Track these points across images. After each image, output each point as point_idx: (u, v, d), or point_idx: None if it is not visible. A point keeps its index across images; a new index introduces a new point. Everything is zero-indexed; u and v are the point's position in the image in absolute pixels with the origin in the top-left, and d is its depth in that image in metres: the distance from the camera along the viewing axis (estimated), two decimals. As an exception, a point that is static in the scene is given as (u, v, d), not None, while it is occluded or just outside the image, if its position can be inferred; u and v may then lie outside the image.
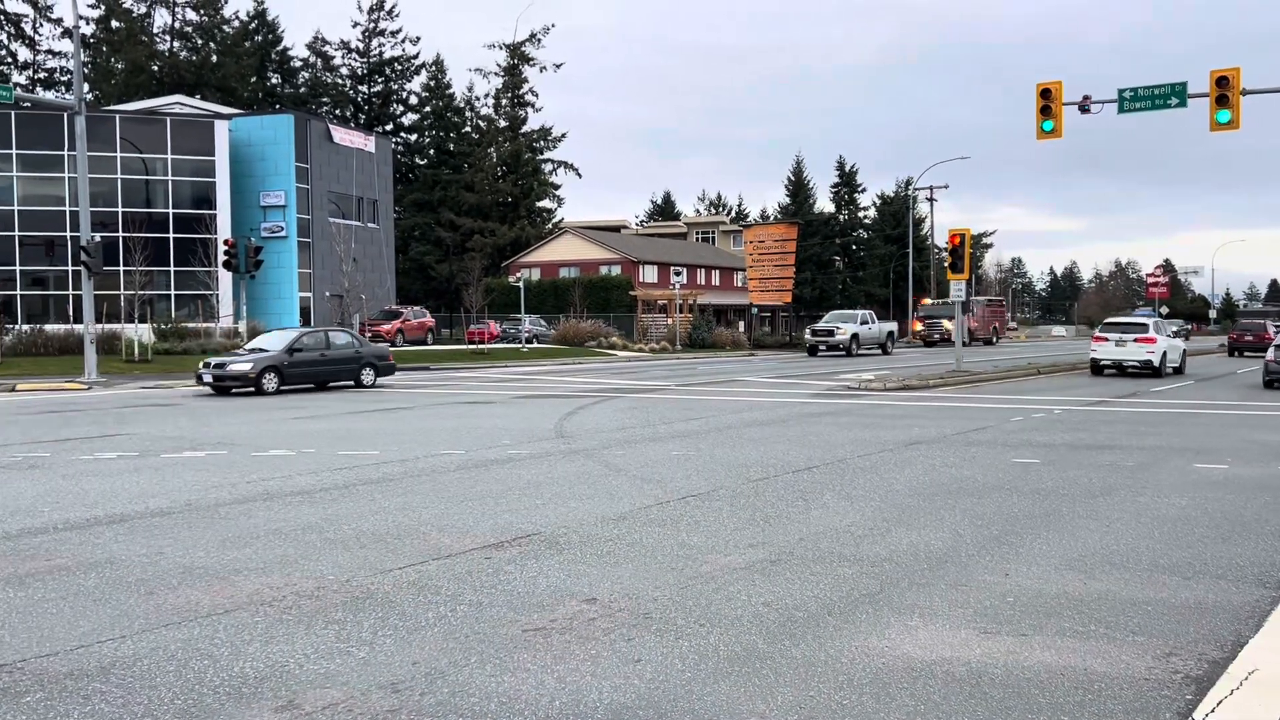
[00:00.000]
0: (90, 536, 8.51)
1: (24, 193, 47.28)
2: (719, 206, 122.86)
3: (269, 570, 7.36)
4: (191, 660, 5.43)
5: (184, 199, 49.47)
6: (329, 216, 53.82)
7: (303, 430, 16.80)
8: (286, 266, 51.11)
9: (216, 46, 79.66)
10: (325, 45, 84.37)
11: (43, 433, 16.58)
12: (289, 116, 54.21)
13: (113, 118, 49.48)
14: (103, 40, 76.61)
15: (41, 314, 46.02)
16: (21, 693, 4.95)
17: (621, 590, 6.83)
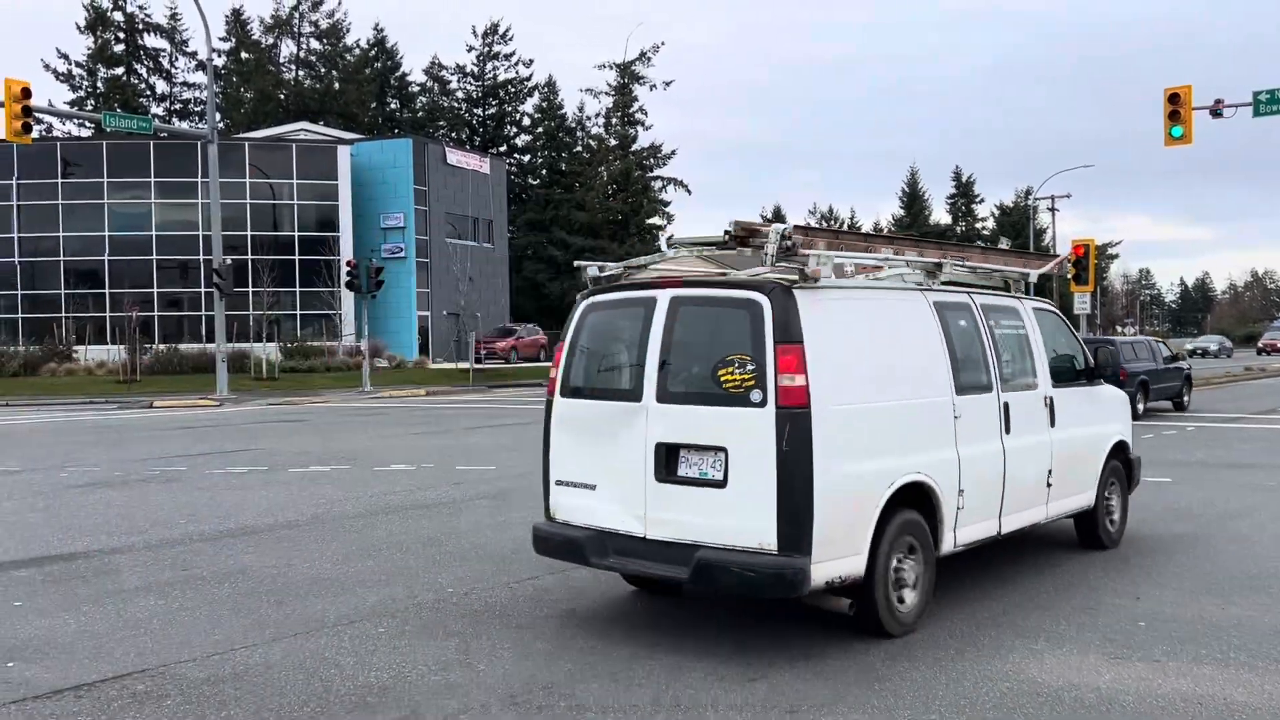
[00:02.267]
0: (224, 547, 8.87)
1: (161, 218, 49.76)
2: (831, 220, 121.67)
3: (392, 582, 7.55)
4: (319, 669, 5.61)
5: (309, 222, 51.35)
6: (446, 237, 55.14)
7: (423, 445, 17.21)
8: (405, 286, 52.52)
9: (339, 74, 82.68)
10: (442, 70, 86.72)
11: (179, 448, 17.37)
12: (408, 141, 55.83)
13: (242, 145, 51.73)
14: (233, 71, 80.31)
15: (176, 334, 48.28)
16: (162, 696, 5.19)
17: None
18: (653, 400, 6.12)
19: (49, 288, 49.36)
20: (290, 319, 48.97)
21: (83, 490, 12.44)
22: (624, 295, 6.70)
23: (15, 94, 25.71)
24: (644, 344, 6.25)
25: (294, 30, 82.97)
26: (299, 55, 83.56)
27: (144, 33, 78.06)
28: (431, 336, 53.26)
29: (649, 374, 6.16)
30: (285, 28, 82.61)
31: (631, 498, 6.13)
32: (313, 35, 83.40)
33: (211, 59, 36.13)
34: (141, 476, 13.59)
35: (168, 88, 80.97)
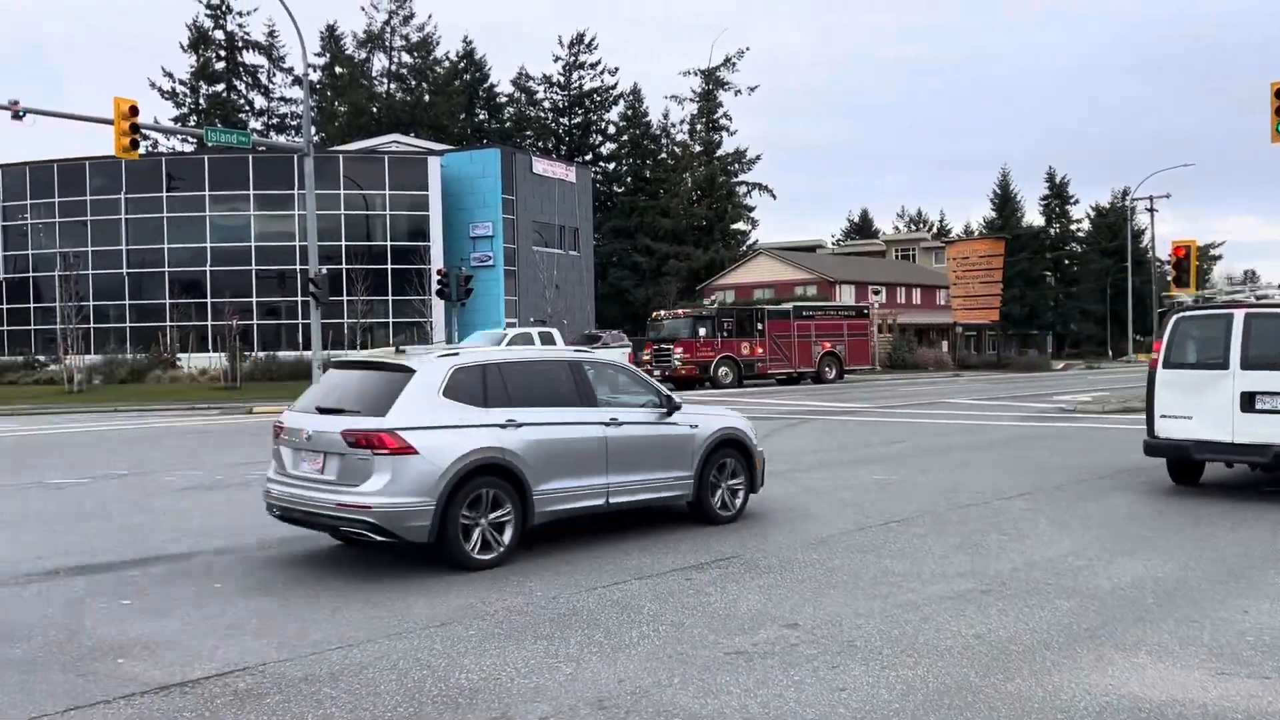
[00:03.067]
0: (323, 549, 9.10)
1: (259, 230, 51.34)
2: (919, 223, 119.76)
3: (481, 584, 7.66)
4: (411, 670, 5.73)
5: (400, 232, 52.45)
6: (533, 245, 55.79)
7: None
8: (494, 294, 53.27)
9: (429, 87, 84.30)
10: (529, 80, 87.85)
11: (277, 452, 17.86)
12: (496, 151, 56.66)
13: (337, 158, 53.10)
14: (328, 85, 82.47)
15: (275, 341, 49.72)
16: (262, 694, 5.35)
17: (824, 616, 6.74)
18: (1238, 368, 10.99)
19: (154, 297, 51.28)
20: (383, 327, 50.04)
21: (189, 493, 12.88)
22: (1207, 312, 11.85)
23: (123, 112, 26.79)
24: (1228, 338, 11.08)
25: (386, 44, 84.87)
26: (391, 69, 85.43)
27: (243, 50, 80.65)
28: (519, 343, 53.85)
29: (1234, 354, 11.02)
30: (377, 42, 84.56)
31: (1221, 422, 11.08)
32: (404, 49, 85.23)
33: (307, 74, 37.16)
34: (242, 481, 14.02)
35: (266, 103, 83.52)
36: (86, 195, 51.84)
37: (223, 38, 79.48)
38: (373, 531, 7.86)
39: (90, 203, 51.78)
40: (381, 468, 7.82)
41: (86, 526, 10.54)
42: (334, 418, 8.26)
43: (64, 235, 51.64)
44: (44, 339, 50.02)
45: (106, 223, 51.51)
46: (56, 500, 12.52)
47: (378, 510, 7.77)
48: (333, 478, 8.05)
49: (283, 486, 8.54)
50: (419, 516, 7.86)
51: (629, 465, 9.34)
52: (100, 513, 11.44)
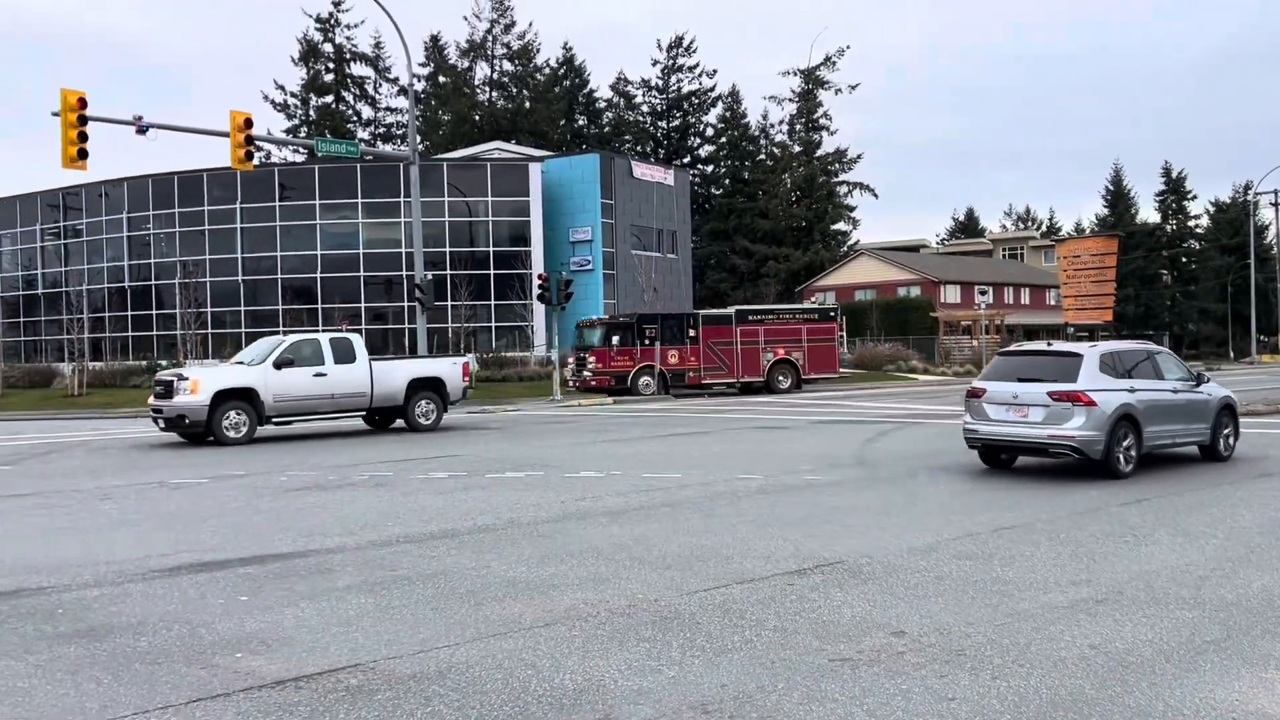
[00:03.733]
0: (426, 549, 9.29)
1: (367, 237, 52.74)
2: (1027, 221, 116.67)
3: (584, 586, 7.72)
4: (517, 670, 5.79)
5: (502, 238, 53.28)
6: (631, 249, 56.07)
7: (610, 453, 17.52)
8: (593, 298, 53.69)
9: (530, 94, 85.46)
10: (627, 85, 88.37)
11: (385, 454, 18.31)
12: (595, 156, 57.16)
13: (441, 166, 54.21)
14: (432, 95, 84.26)
15: (382, 346, 50.98)
16: (374, 690, 5.48)
17: (931, 624, 6.59)
18: None
19: (268, 303, 53.08)
20: (485, 331, 50.90)
21: (299, 493, 13.29)
22: None
23: (239, 124, 27.80)
24: None
25: (488, 53, 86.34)
26: (492, 77, 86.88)
27: (351, 62, 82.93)
28: (619, 347, 54.17)
29: None
30: (480, 51, 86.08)
31: None
32: (505, 57, 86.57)
33: (412, 84, 38.02)
34: (352, 481, 14.40)
35: (372, 113, 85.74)
36: (204, 206, 53.96)
37: (331, 50, 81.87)
38: (1073, 452, 12.87)
39: (208, 213, 53.88)
40: (1078, 414, 12.77)
41: (205, 525, 10.95)
42: (1035, 385, 13.13)
43: (183, 244, 53.85)
44: (165, 344, 52.24)
45: (223, 232, 53.53)
46: (177, 499, 13.05)
47: (1078, 439, 12.74)
48: (1039, 420, 13.00)
49: (990, 427, 13.55)
50: (1097, 443, 12.74)
51: (1181, 418, 14.07)
52: (217, 511, 11.87)
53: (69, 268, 57.22)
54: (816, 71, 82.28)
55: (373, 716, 5.10)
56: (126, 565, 8.83)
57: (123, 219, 56.26)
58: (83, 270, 56.44)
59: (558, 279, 36.00)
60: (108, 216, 56.86)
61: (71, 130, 24.66)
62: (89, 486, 14.53)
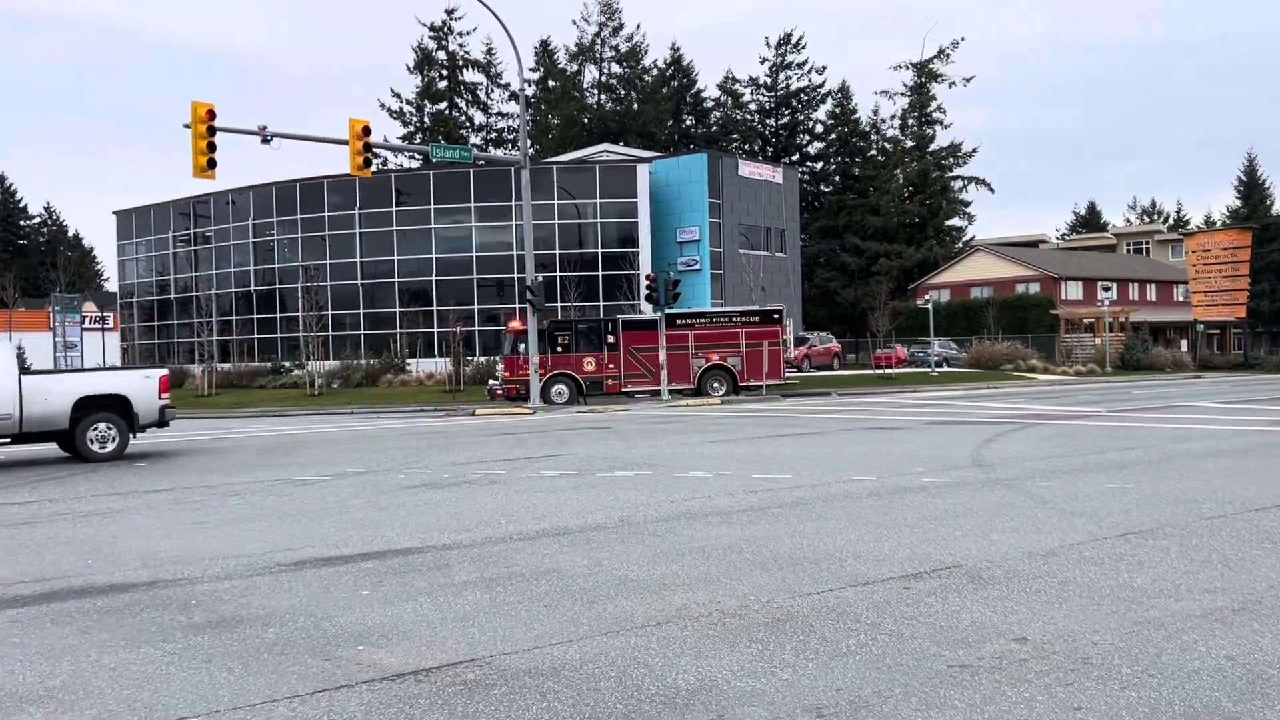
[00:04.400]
0: (539, 547, 9.40)
1: (480, 240, 53.76)
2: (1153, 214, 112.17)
3: (694, 587, 7.71)
4: (630, 668, 5.82)
5: (610, 239, 53.68)
6: (739, 248, 55.86)
7: (718, 453, 17.48)
8: (700, 298, 53.67)
9: (638, 95, 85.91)
10: (735, 83, 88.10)
11: (499, 452, 18.63)
12: (703, 155, 57.11)
13: (550, 169, 54.91)
14: (542, 99, 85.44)
15: (494, 347, 51.82)
16: (490, 685, 5.57)
17: (1055, 631, 6.38)
18: None
19: (385, 306, 54.56)
20: (594, 331, 51.27)
21: (417, 490, 13.61)
22: None
23: (357, 132, 28.65)
24: None
25: (596, 56, 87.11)
26: (601, 80, 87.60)
27: (463, 69, 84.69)
28: (727, 346, 54.05)
29: None
30: (588, 54, 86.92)
31: None
32: (613, 59, 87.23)
33: (523, 89, 38.59)
34: (467, 479, 14.69)
35: (484, 118, 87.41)
36: (325, 212, 55.77)
37: (444, 58, 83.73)
38: None
39: (328, 218, 55.66)
40: None
41: (328, 521, 11.31)
42: None
43: (305, 249, 55.75)
44: (288, 346, 54.19)
45: (342, 237, 55.23)
46: (301, 496, 13.50)
47: None
48: None
49: None
50: None
51: None
52: (339, 508, 12.24)
53: (199, 273, 59.81)
54: (930, 64, 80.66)
55: (489, 711, 5.19)
56: (255, 559, 9.17)
57: (248, 225, 58.54)
58: (211, 275, 58.92)
59: (665, 279, 36.07)
60: (234, 223, 59.25)
61: (201, 141, 25.76)
62: (219, 483, 15.16)
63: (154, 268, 64.79)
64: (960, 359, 55.13)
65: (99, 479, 16.32)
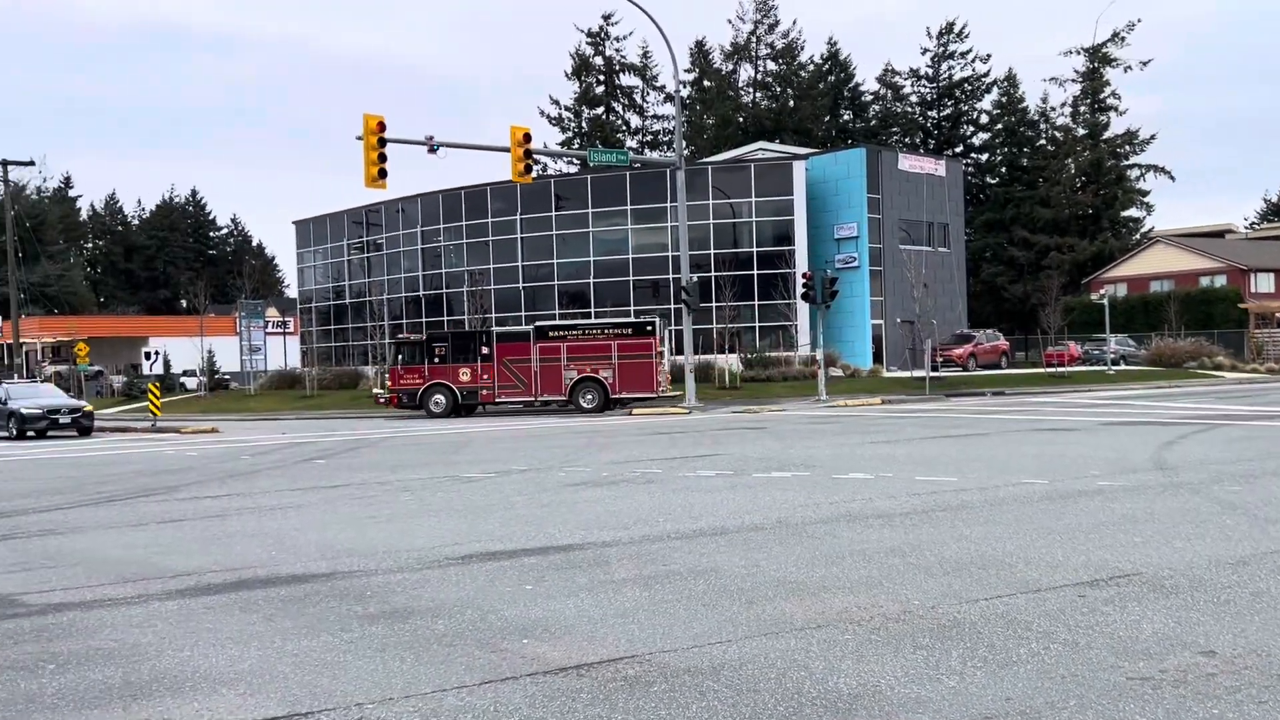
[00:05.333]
0: (696, 546, 9.42)
1: (636, 242, 54.30)
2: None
3: (855, 590, 7.57)
4: (789, 670, 5.76)
5: (766, 238, 53.31)
6: (899, 244, 54.56)
7: (879, 454, 17.12)
8: (859, 295, 52.71)
9: (794, 92, 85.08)
10: (894, 76, 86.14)
11: (654, 452, 18.78)
12: (860, 150, 56.05)
13: (705, 169, 54.96)
14: (697, 100, 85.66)
15: (650, 347, 52.29)
16: (650, 682, 5.61)
17: (1247, 645, 5.98)
18: None
19: (545, 308, 55.74)
20: (750, 331, 51.10)
21: (576, 488, 13.86)
22: None
23: (518, 140, 29.40)
24: None
25: (751, 54, 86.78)
26: (756, 78, 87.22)
27: (620, 73, 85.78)
28: (885, 345, 52.94)
29: None
30: (743, 52, 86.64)
31: None
32: (769, 57, 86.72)
33: (678, 91, 38.81)
34: (625, 478, 14.87)
35: (640, 121, 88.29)
36: (488, 218, 57.43)
37: (601, 63, 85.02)
38: None
39: (491, 224, 57.31)
40: None
41: (492, 517, 11.64)
42: None
43: (470, 254, 57.56)
44: (454, 348, 55.98)
45: (504, 242, 56.76)
46: (468, 492, 13.95)
47: None
48: None
49: None
50: None
51: None
52: (504, 504, 12.59)
53: (371, 279, 62.53)
54: (1103, 49, 76.93)
55: (649, 707, 5.22)
56: (425, 553, 9.52)
57: (417, 233, 60.86)
58: (383, 281, 61.49)
59: (822, 277, 35.65)
60: (404, 231, 61.71)
61: (373, 153, 26.94)
62: (391, 479, 15.82)
63: (330, 274, 68.13)
64: (1138, 357, 52.36)
65: (281, 476, 17.28)
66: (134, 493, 15.49)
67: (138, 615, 7.43)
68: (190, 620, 7.27)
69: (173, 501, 14.24)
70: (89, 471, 19.40)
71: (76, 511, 13.45)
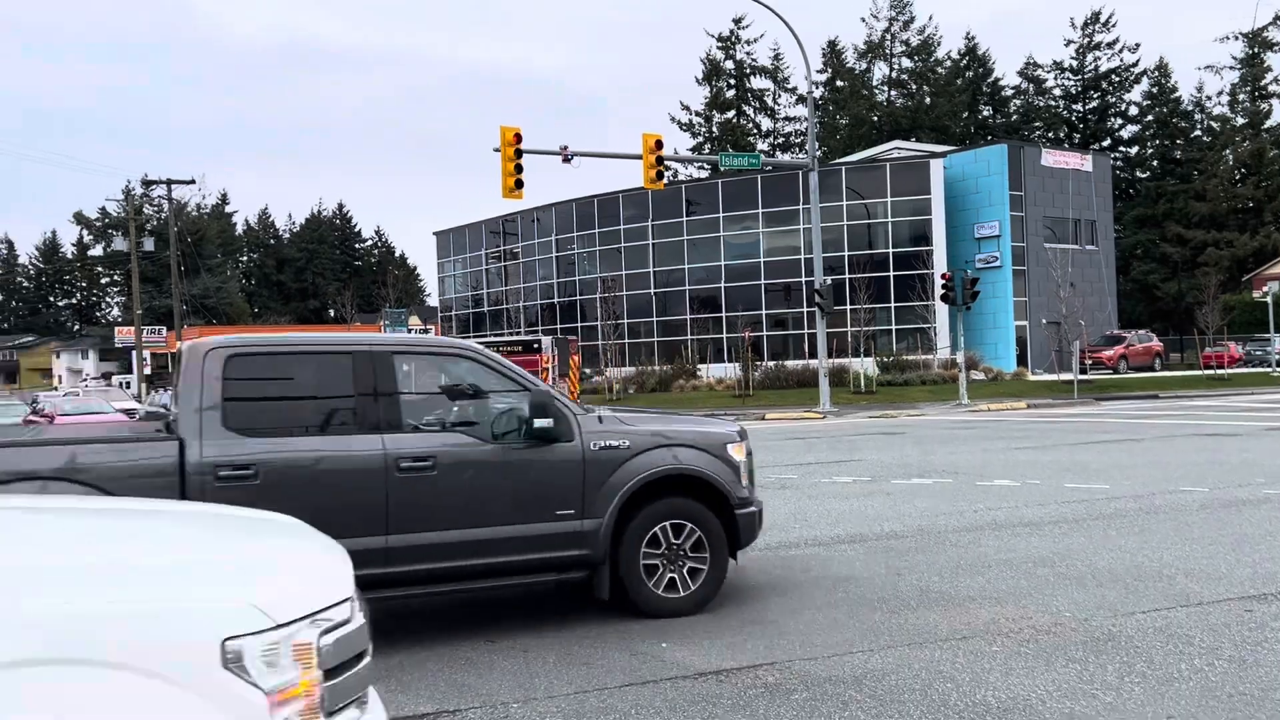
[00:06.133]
0: (833, 553, 9.29)
1: (767, 245, 53.98)
2: None
3: (1002, 601, 7.34)
4: (935, 681, 5.62)
5: (902, 238, 52.25)
6: (1044, 242, 52.70)
7: (1024, 460, 16.56)
8: (1001, 296, 51.11)
9: (930, 89, 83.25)
10: (1037, 69, 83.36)
11: (790, 456, 18.60)
12: (1001, 147, 54.37)
13: (839, 170, 54.24)
14: (829, 100, 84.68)
15: (781, 351, 51.90)
16: (790, 690, 5.56)
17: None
18: None
19: (677, 313, 55.99)
20: (886, 334, 50.16)
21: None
22: None
23: (650, 146, 29.60)
24: None
25: (886, 52, 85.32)
26: (891, 76, 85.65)
27: (750, 76, 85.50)
28: (1030, 347, 51.17)
29: None
30: (878, 51, 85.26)
31: None
32: (904, 54, 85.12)
33: (811, 92, 38.40)
34: (758, 483, 14.75)
35: (771, 124, 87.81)
36: (620, 225, 58.03)
37: (732, 67, 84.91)
38: None
39: (623, 231, 57.88)
40: None
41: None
42: None
43: (602, 261, 58.26)
44: (587, 354, 56.73)
45: (636, 248, 57.24)
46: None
47: None
48: None
49: None
50: None
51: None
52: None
53: (508, 286, 63.97)
54: (1263, 33, 72.76)
55: (790, 715, 5.18)
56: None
57: (551, 240, 61.95)
58: (519, 289, 62.83)
59: (962, 278, 34.68)
60: (539, 239, 62.89)
61: (509, 164, 27.54)
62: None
63: (468, 283, 69.97)
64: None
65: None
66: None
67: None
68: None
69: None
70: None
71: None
